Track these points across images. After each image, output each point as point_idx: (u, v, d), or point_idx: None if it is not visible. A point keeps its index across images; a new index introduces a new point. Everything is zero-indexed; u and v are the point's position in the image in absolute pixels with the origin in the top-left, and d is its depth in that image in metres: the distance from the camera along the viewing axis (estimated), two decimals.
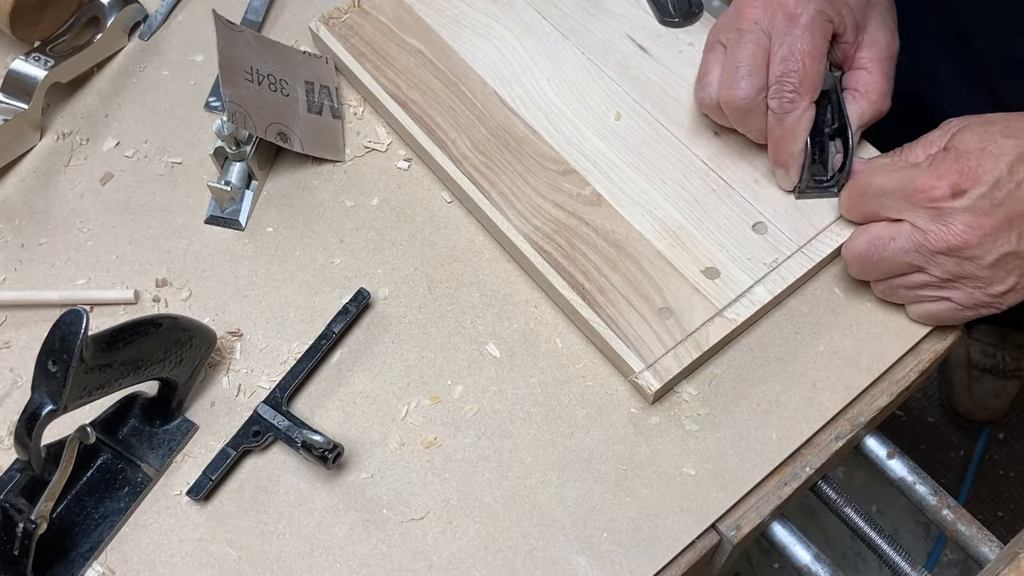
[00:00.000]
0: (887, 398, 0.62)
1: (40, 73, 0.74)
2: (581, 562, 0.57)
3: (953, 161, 0.55)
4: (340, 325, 0.64)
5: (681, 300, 0.62)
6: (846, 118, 0.64)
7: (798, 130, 0.62)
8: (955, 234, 0.55)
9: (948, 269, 0.57)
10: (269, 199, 0.72)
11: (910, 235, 0.57)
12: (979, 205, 0.54)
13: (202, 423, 0.63)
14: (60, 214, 0.72)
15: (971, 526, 0.61)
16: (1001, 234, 0.54)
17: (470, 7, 0.77)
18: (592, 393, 0.62)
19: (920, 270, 0.58)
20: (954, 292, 0.58)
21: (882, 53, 0.65)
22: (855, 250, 0.61)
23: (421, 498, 0.59)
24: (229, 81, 0.67)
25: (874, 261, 0.60)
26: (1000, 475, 1.58)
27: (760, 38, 0.62)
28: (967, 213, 0.54)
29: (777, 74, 0.61)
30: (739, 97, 0.62)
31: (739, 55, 0.62)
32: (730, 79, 0.62)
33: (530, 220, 0.66)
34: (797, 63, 0.60)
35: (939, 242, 0.55)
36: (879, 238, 0.59)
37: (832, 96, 0.64)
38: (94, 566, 0.58)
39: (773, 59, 0.61)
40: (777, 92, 0.61)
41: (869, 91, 0.64)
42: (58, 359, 0.51)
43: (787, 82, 0.61)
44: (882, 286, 0.62)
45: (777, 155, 0.64)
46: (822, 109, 0.64)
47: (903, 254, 0.58)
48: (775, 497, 0.59)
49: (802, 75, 0.61)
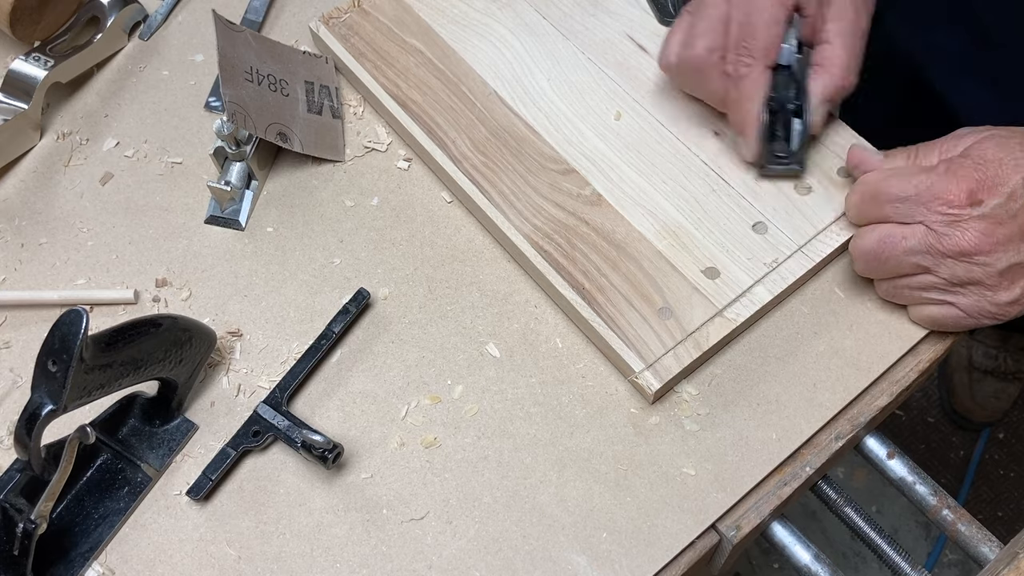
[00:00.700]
0: (887, 398, 0.62)
1: (40, 73, 0.74)
2: (581, 562, 0.57)
3: (971, 168, 0.56)
4: (340, 325, 0.64)
5: (681, 300, 0.62)
6: (806, 92, 0.64)
7: (752, 94, 0.63)
8: (969, 239, 0.55)
9: (956, 273, 0.57)
10: (269, 199, 0.72)
11: (924, 236, 0.57)
12: (995, 214, 0.55)
13: (202, 423, 0.63)
14: (60, 214, 0.72)
15: (971, 526, 0.61)
16: (1013, 244, 0.55)
17: (470, 7, 0.77)
18: (592, 393, 0.62)
19: (928, 271, 0.58)
20: (959, 298, 0.58)
21: (847, 27, 0.64)
22: (865, 247, 0.60)
23: (421, 498, 0.59)
24: (229, 81, 0.67)
25: (883, 259, 0.59)
26: (1000, 475, 1.58)
27: (719, 4, 0.63)
28: (983, 221, 0.55)
29: (734, 39, 0.63)
30: (692, 55, 0.64)
31: (698, 18, 0.64)
32: (685, 40, 0.65)
33: (530, 220, 0.66)
34: (752, 28, 0.62)
35: (952, 245, 0.56)
36: (891, 236, 0.59)
37: (797, 74, 0.64)
38: (94, 566, 0.58)
39: (731, 26, 0.63)
40: (734, 58, 0.63)
41: (830, 64, 0.64)
42: (58, 359, 0.51)
43: (742, 47, 0.62)
44: (886, 286, 0.62)
45: (735, 120, 0.65)
46: (784, 85, 0.64)
47: (913, 254, 0.58)
48: (775, 497, 0.59)
49: (755, 39, 0.62)
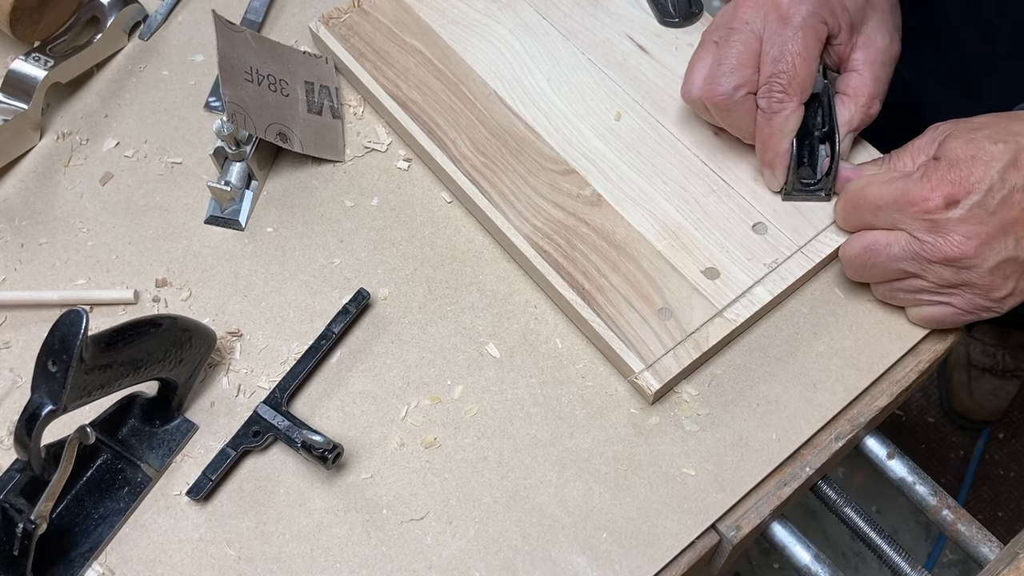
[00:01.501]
0: (887, 398, 0.62)
1: (40, 73, 0.74)
2: (581, 562, 0.57)
3: (945, 171, 0.55)
4: (340, 325, 0.64)
5: (681, 300, 0.62)
6: (835, 122, 0.64)
7: (785, 130, 0.62)
8: (952, 245, 0.55)
9: (945, 276, 0.57)
10: (269, 199, 0.72)
11: (907, 244, 0.57)
12: (974, 214, 0.54)
13: (202, 423, 0.63)
14: (60, 214, 0.72)
15: (971, 526, 0.61)
16: (998, 241, 0.54)
17: (470, 7, 0.77)
18: (592, 393, 0.62)
19: (917, 276, 0.58)
20: (954, 298, 0.58)
21: (876, 56, 0.64)
22: (850, 254, 0.61)
23: (421, 498, 0.59)
24: (229, 81, 0.67)
25: (869, 266, 0.60)
26: (1000, 475, 1.58)
27: (749, 38, 0.62)
28: (963, 223, 0.54)
29: (767, 74, 0.61)
30: (718, 93, 0.62)
31: (726, 53, 0.62)
32: (713, 76, 0.63)
33: (530, 220, 0.66)
34: (788, 64, 0.61)
35: (936, 252, 0.55)
36: (875, 243, 0.59)
37: (823, 100, 0.64)
38: (94, 566, 0.58)
39: (764, 59, 0.62)
40: (767, 92, 0.62)
41: (858, 95, 0.64)
42: (58, 359, 0.51)
43: (776, 82, 0.61)
44: (882, 288, 0.62)
45: (764, 154, 0.64)
46: (812, 112, 0.64)
47: (898, 261, 0.58)
48: (775, 497, 0.59)
49: (792, 75, 0.61)
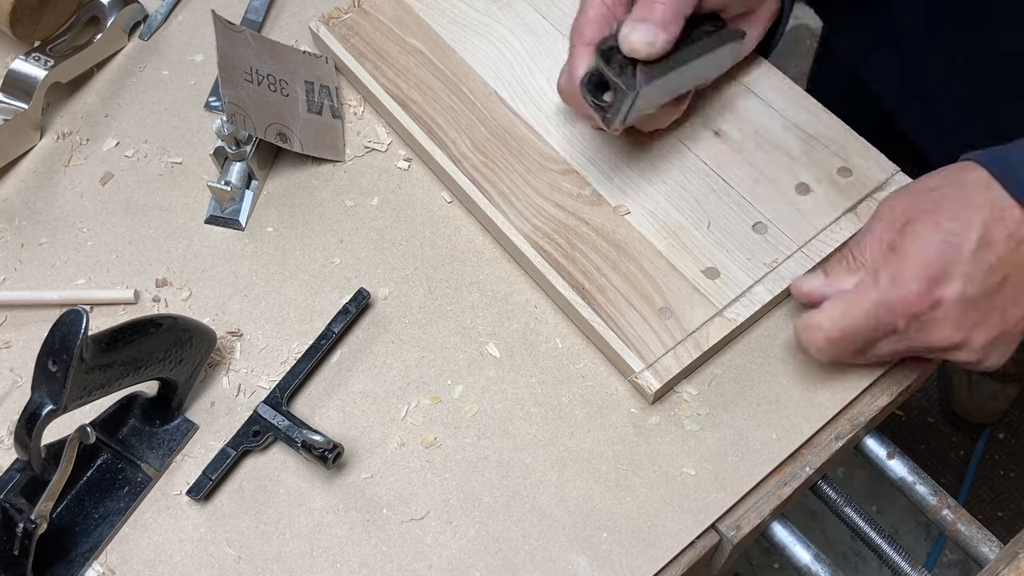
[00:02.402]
0: (887, 398, 0.62)
1: (40, 73, 0.74)
2: (581, 562, 0.57)
3: (918, 268, 0.54)
4: (340, 325, 0.64)
5: (681, 300, 0.62)
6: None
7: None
8: (946, 337, 0.55)
9: (935, 350, 0.57)
10: (269, 199, 0.72)
11: (899, 339, 0.57)
12: (959, 307, 0.54)
13: (202, 423, 0.63)
14: (60, 214, 0.72)
15: (971, 526, 0.61)
16: (988, 320, 0.55)
17: (470, 7, 0.77)
18: (592, 393, 0.62)
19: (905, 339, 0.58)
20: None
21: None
22: (829, 335, 0.57)
23: (421, 498, 0.59)
24: (228, 82, 0.67)
25: (851, 351, 0.58)
26: (1000, 475, 1.58)
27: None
28: (951, 319, 0.54)
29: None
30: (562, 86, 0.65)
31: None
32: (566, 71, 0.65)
33: (530, 220, 0.66)
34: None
35: (927, 342, 0.56)
36: (881, 357, 0.59)
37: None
38: (94, 566, 0.58)
39: None
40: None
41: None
42: (58, 359, 0.51)
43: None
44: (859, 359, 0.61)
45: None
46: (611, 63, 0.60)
47: (888, 345, 0.58)
48: (775, 497, 0.59)
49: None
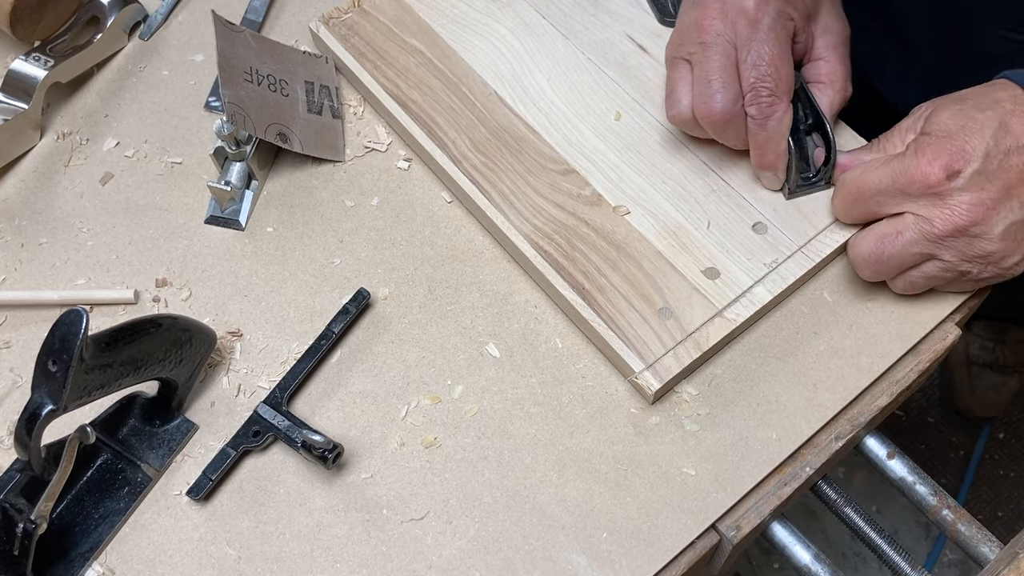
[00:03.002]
0: (887, 398, 0.62)
1: (40, 73, 0.74)
2: (581, 562, 0.57)
3: (939, 144, 0.56)
4: (340, 325, 0.64)
5: (681, 300, 0.62)
6: (819, 111, 0.65)
7: (780, 132, 0.63)
8: (960, 214, 0.55)
9: (960, 250, 0.57)
10: (269, 199, 0.72)
11: (916, 225, 0.57)
12: (976, 182, 0.55)
13: (202, 423, 0.63)
14: (60, 214, 0.72)
15: (971, 526, 0.61)
16: (1003, 205, 0.55)
17: (470, 7, 0.77)
18: (592, 393, 0.62)
19: (932, 257, 0.58)
20: (970, 272, 0.59)
21: (837, 40, 0.66)
22: (864, 253, 0.60)
23: (421, 498, 0.59)
24: (228, 82, 0.67)
25: (885, 260, 0.59)
26: (1000, 475, 1.58)
27: (725, 48, 0.62)
28: (967, 192, 0.55)
29: (751, 81, 0.61)
30: (716, 111, 0.62)
31: (708, 68, 0.62)
32: (704, 93, 0.62)
33: (530, 220, 0.66)
34: (768, 67, 0.61)
35: (946, 224, 0.56)
36: (885, 235, 0.59)
37: (801, 93, 0.65)
38: (94, 566, 0.58)
39: (743, 67, 0.62)
40: (755, 98, 0.62)
41: (833, 80, 0.65)
42: (58, 359, 0.51)
43: (762, 87, 0.61)
44: (899, 282, 0.62)
45: (762, 159, 0.64)
46: (795, 107, 0.64)
47: (912, 245, 0.58)
48: (775, 497, 0.59)
49: (775, 77, 0.61)
